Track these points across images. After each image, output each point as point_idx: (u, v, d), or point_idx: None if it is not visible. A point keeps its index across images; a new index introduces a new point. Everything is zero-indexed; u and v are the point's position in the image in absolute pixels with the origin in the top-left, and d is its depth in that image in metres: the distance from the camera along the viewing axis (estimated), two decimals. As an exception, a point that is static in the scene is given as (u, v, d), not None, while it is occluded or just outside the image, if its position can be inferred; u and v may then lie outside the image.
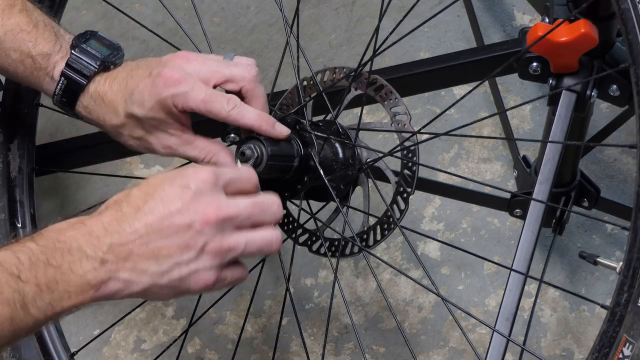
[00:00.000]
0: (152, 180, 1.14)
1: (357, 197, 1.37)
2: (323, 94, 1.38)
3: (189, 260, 1.12)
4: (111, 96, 1.31)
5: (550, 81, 1.50)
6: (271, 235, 1.18)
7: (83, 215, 1.13)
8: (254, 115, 1.28)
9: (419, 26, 1.38)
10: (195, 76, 1.27)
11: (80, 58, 1.33)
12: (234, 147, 1.33)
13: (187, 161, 1.55)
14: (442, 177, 1.92)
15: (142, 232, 1.11)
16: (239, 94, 1.30)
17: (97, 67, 1.32)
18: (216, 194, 1.14)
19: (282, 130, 1.29)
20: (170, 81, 1.26)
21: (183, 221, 1.11)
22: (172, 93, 1.26)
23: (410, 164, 1.32)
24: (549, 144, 1.49)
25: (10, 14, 1.34)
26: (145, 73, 1.29)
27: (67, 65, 1.33)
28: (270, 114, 1.33)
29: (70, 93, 1.33)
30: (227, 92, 1.31)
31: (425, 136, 1.36)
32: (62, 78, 1.33)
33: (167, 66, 1.28)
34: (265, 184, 1.36)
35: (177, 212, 1.11)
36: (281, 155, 1.29)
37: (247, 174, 1.20)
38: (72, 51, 1.33)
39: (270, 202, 1.19)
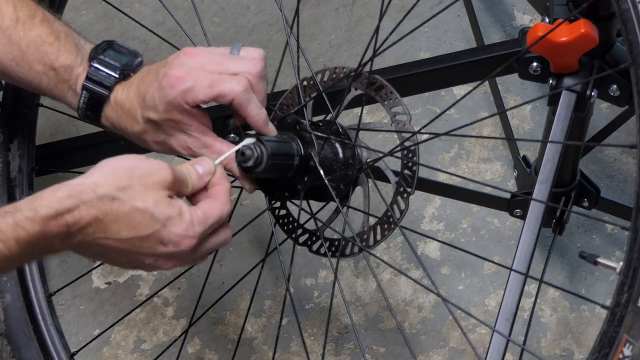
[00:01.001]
0: (151, 206, 1.17)
1: (357, 197, 1.37)
2: (323, 94, 1.38)
3: (129, 267, 1.22)
4: (129, 104, 1.31)
5: (550, 81, 1.50)
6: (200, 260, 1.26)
7: (76, 184, 1.15)
8: (256, 107, 1.29)
9: (419, 26, 1.38)
10: (200, 68, 1.27)
11: (100, 69, 1.33)
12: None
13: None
14: (442, 177, 1.92)
15: (109, 248, 1.16)
16: None
17: (117, 76, 1.32)
18: (185, 256, 1.21)
19: (271, 130, 1.31)
20: (175, 80, 1.26)
21: (144, 261, 1.19)
22: (179, 91, 1.27)
23: (410, 164, 1.32)
24: (549, 144, 1.49)
25: (32, 25, 1.34)
26: (154, 77, 1.29)
27: (87, 77, 1.33)
28: (270, 113, 1.33)
29: (93, 105, 1.33)
30: None
31: (425, 136, 1.36)
32: (84, 91, 1.33)
33: (171, 66, 1.28)
34: (265, 184, 1.36)
35: (145, 254, 1.19)
36: (281, 155, 1.29)
37: (225, 222, 1.25)
38: (91, 63, 1.33)
39: (223, 242, 1.25)
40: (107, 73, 1.32)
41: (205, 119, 1.31)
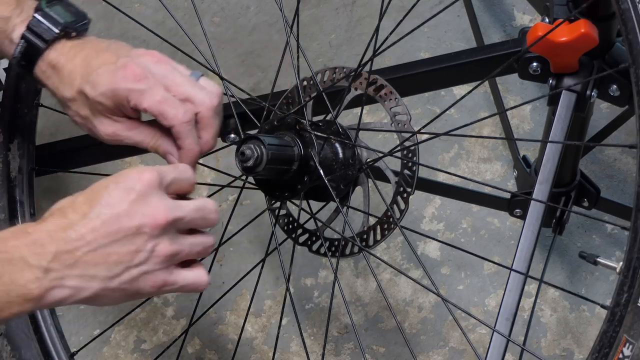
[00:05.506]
0: (96, 185, 1.13)
1: (357, 197, 1.37)
2: (323, 94, 1.38)
3: (139, 263, 1.12)
4: (71, 68, 1.30)
5: (550, 81, 1.50)
6: (209, 242, 1.19)
7: (27, 223, 1.12)
8: (192, 144, 1.27)
9: (419, 26, 1.38)
10: (158, 79, 1.26)
11: (42, 22, 1.31)
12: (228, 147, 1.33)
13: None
14: (442, 177, 1.92)
15: (89, 238, 1.09)
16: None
17: (57, 32, 1.31)
18: (161, 196, 1.13)
19: (191, 174, 1.24)
20: (131, 76, 1.25)
21: (131, 224, 1.11)
22: (129, 87, 1.26)
23: (410, 164, 1.32)
24: (549, 144, 1.49)
25: None
26: (111, 59, 1.28)
27: (28, 28, 1.31)
28: (269, 114, 1.33)
29: (28, 56, 1.32)
30: None
31: (425, 136, 1.36)
32: (22, 41, 1.31)
33: (134, 61, 1.27)
34: (265, 184, 1.36)
35: (124, 216, 1.11)
36: (281, 155, 1.29)
37: (186, 173, 1.19)
38: (35, 14, 1.32)
39: (210, 209, 1.19)
40: (48, 27, 1.31)
41: (135, 114, 1.30)
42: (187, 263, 1.18)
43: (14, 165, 1.56)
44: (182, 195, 1.19)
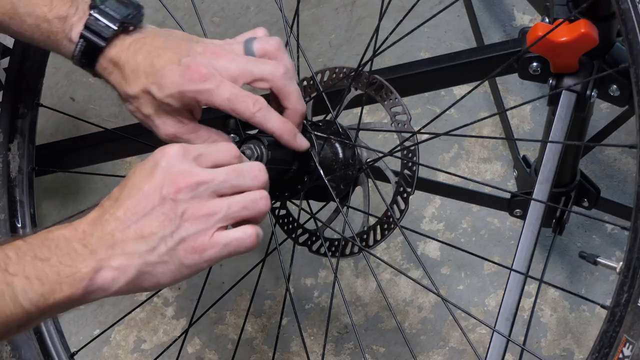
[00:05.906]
0: (129, 173, 1.17)
1: (357, 197, 1.37)
2: (323, 94, 1.38)
3: (173, 231, 1.14)
4: (133, 66, 1.29)
5: (550, 81, 1.50)
6: (255, 195, 1.18)
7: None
8: (277, 122, 1.27)
9: (419, 26, 1.38)
10: (224, 73, 1.26)
11: (99, 20, 1.31)
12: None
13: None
14: (442, 177, 1.92)
15: (122, 217, 1.13)
16: (271, 92, 1.30)
17: (115, 28, 1.30)
18: (186, 164, 1.15)
19: (302, 143, 1.29)
20: (197, 76, 1.25)
21: (156, 196, 1.13)
22: (197, 89, 1.26)
23: (410, 164, 1.32)
24: (549, 144, 1.49)
25: None
26: (173, 58, 1.27)
27: (86, 27, 1.31)
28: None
29: (89, 55, 1.32)
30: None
31: (425, 136, 1.36)
32: (81, 40, 1.31)
33: (196, 60, 1.27)
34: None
35: (150, 190, 1.14)
36: (281, 155, 1.29)
37: (223, 145, 1.20)
38: (91, 12, 1.31)
39: (250, 167, 1.19)
40: (105, 24, 1.30)
41: (199, 112, 1.31)
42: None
43: (14, 165, 1.56)
44: None
